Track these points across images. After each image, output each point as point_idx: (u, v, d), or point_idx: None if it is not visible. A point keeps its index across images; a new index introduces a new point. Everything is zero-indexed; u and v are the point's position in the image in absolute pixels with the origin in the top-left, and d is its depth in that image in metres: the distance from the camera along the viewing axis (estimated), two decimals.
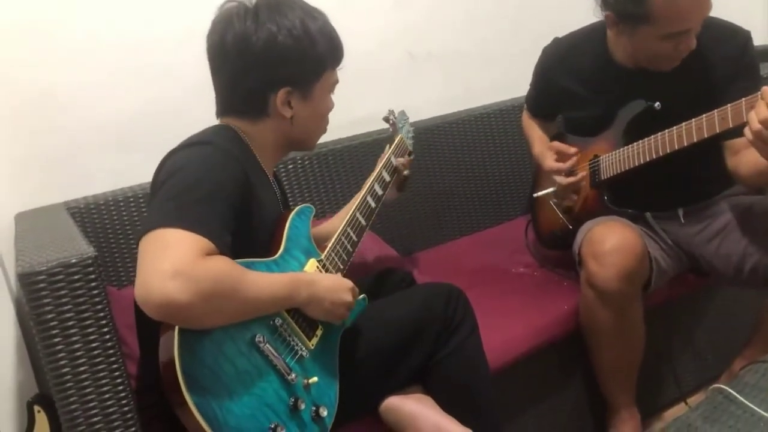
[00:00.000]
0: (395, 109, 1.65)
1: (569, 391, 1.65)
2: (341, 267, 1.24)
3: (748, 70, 1.44)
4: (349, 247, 1.28)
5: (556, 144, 1.63)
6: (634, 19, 1.35)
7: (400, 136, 1.59)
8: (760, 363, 1.12)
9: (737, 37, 1.45)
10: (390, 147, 1.55)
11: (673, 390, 1.76)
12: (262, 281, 1.02)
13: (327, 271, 1.20)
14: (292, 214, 1.21)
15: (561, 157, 1.62)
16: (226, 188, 1.04)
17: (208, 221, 0.98)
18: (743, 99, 1.23)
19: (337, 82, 1.25)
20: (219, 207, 1.01)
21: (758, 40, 1.54)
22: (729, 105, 1.26)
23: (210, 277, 0.93)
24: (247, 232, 1.08)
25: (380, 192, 1.43)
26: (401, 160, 1.52)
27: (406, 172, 1.52)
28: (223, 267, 0.96)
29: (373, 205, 1.39)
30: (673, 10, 1.30)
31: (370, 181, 1.43)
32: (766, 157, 1.21)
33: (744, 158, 1.40)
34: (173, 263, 0.91)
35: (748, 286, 1.52)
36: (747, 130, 1.19)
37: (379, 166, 1.48)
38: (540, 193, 1.70)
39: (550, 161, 1.62)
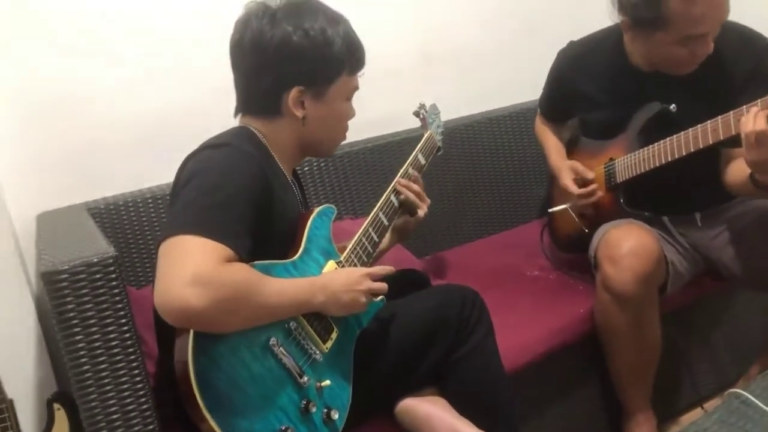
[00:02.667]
0: (426, 103, 1.64)
1: (585, 394, 1.64)
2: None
3: (763, 78, 1.44)
4: (369, 248, 1.28)
5: (576, 164, 1.63)
6: (650, 24, 1.35)
7: (429, 132, 1.57)
8: None
9: (755, 43, 1.45)
10: (418, 144, 1.51)
11: (690, 394, 1.75)
12: (279, 288, 1.04)
13: None
14: (314, 214, 1.22)
15: (578, 178, 1.61)
16: (246, 191, 1.05)
17: (228, 227, 0.99)
18: (759, 100, 1.23)
19: (356, 88, 1.25)
20: (239, 211, 1.02)
21: None
22: (745, 106, 1.25)
23: (228, 285, 0.95)
24: (267, 232, 1.09)
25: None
26: (403, 181, 1.38)
27: (402, 197, 1.38)
28: (242, 274, 0.98)
29: (396, 204, 1.38)
30: (689, 15, 1.30)
31: (396, 179, 1.41)
32: (753, 158, 1.22)
33: (732, 167, 1.42)
34: (192, 270, 0.93)
35: (765, 289, 1.51)
36: (746, 126, 1.20)
37: (406, 164, 1.46)
38: (555, 209, 1.70)
39: (567, 180, 1.62)
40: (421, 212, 1.39)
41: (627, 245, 1.41)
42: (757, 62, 1.44)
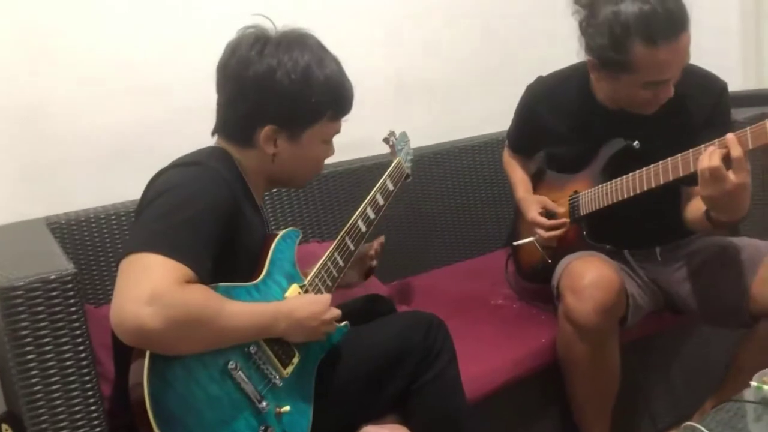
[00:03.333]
0: (396, 131, 1.65)
1: (546, 423, 1.65)
2: (324, 293, 1.23)
3: (722, 119, 1.50)
4: (334, 272, 1.27)
5: (544, 199, 1.65)
6: (616, 66, 1.39)
7: (397, 159, 1.58)
8: (732, 402, 1.13)
9: (715, 86, 1.51)
10: (387, 170, 1.52)
11: (647, 425, 1.77)
12: (240, 313, 1.02)
13: None
14: (278, 237, 1.21)
15: (547, 212, 1.63)
16: (213, 212, 1.03)
17: (190, 247, 0.98)
18: (717, 140, 1.28)
19: (337, 132, 1.23)
20: (203, 231, 1.01)
21: (734, 86, 1.60)
22: (703, 146, 1.30)
23: (186, 306, 0.93)
24: (230, 255, 1.07)
25: (372, 216, 1.41)
26: (367, 246, 1.45)
27: (373, 263, 1.47)
28: (201, 296, 0.96)
29: (363, 229, 1.38)
30: (653, 61, 1.34)
31: (363, 204, 1.41)
32: (708, 194, 1.27)
33: (691, 204, 1.48)
34: (150, 289, 0.91)
35: (723, 324, 1.55)
36: (702, 162, 1.25)
37: (374, 189, 1.46)
38: (520, 242, 1.72)
39: (534, 213, 1.63)
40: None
41: (589, 277, 1.44)
42: (716, 103, 1.50)
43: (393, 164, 1.56)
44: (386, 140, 1.62)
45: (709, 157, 1.25)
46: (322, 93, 1.15)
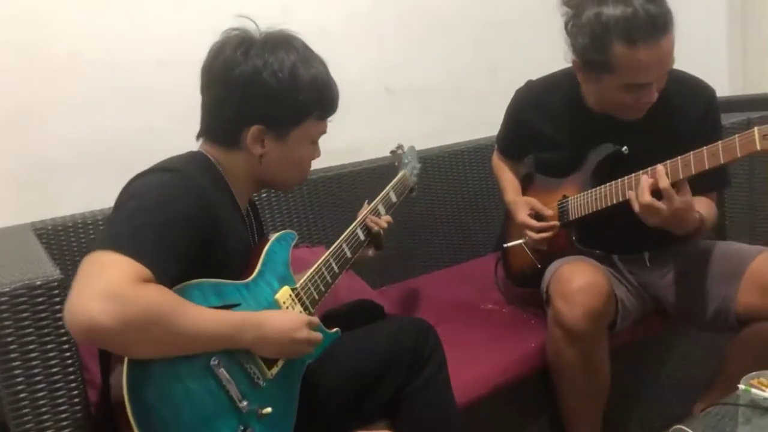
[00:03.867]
0: (405, 145, 1.64)
1: (535, 427, 1.65)
2: (316, 298, 1.22)
3: (712, 125, 1.52)
4: (328, 278, 1.26)
5: (533, 201, 1.66)
6: (598, 67, 1.40)
7: (402, 172, 1.59)
8: (721, 405, 1.14)
9: (703, 93, 1.53)
10: (391, 182, 1.54)
11: (637, 429, 1.77)
12: (201, 317, 0.98)
13: (300, 301, 1.18)
14: (273, 239, 1.20)
15: (533, 213, 1.64)
16: (182, 222, 1.01)
17: (152, 249, 0.96)
18: (704, 148, 1.30)
19: (323, 132, 1.22)
20: (169, 236, 0.98)
21: (721, 91, 1.61)
22: (691, 153, 1.31)
23: (139, 304, 0.90)
24: (209, 262, 1.06)
25: (372, 226, 1.42)
26: (376, 219, 1.44)
27: (375, 229, 1.43)
28: (156, 296, 0.93)
29: (362, 238, 1.38)
30: (632, 62, 1.35)
31: (363, 213, 1.41)
32: (651, 224, 1.36)
33: None
34: (103, 286, 0.89)
35: (711, 329, 1.56)
36: (634, 203, 1.35)
37: (376, 200, 1.46)
38: (510, 244, 1.72)
39: (523, 215, 1.63)
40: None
41: (578, 282, 1.44)
42: (706, 110, 1.52)
43: (398, 176, 1.57)
44: (393, 152, 1.63)
45: (640, 194, 1.34)
46: (308, 92, 1.14)
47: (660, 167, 1.33)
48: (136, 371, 0.92)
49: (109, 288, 0.89)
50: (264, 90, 1.11)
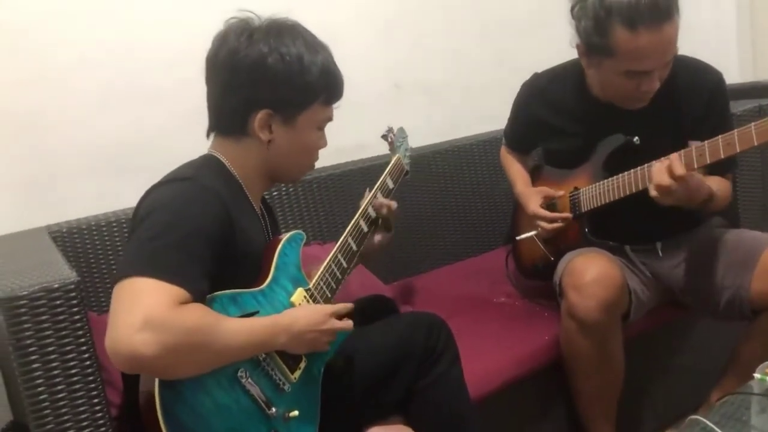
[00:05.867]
0: (394, 127, 1.64)
1: (550, 421, 1.65)
2: (329, 296, 1.23)
3: (720, 110, 1.51)
4: (338, 274, 1.27)
5: (544, 189, 1.66)
6: (599, 51, 1.40)
7: (397, 156, 1.57)
8: (737, 394, 1.14)
9: (709, 77, 1.52)
10: (386, 168, 1.52)
11: (652, 421, 1.77)
12: (238, 330, 1.00)
13: (314, 300, 1.19)
14: (283, 241, 1.20)
15: (546, 201, 1.64)
16: (204, 228, 1.02)
17: (182, 267, 0.96)
18: (720, 136, 1.29)
19: (329, 119, 1.23)
20: (195, 250, 0.99)
21: (731, 79, 1.60)
22: (706, 142, 1.30)
23: (181, 330, 0.92)
24: (231, 266, 1.07)
25: (374, 215, 1.41)
26: (382, 201, 1.42)
27: (384, 211, 1.41)
28: (196, 318, 0.94)
29: (365, 229, 1.38)
30: (633, 47, 1.34)
31: (364, 204, 1.41)
32: (662, 203, 1.36)
33: None
34: (142, 315, 0.90)
35: (724, 318, 1.55)
36: (651, 186, 1.34)
37: (374, 188, 1.46)
38: (522, 236, 1.71)
39: (535, 206, 1.63)
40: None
41: (591, 273, 1.44)
42: (712, 95, 1.51)
43: (392, 162, 1.55)
44: (385, 137, 1.61)
45: (658, 176, 1.33)
46: (315, 76, 1.15)
47: (675, 155, 1.32)
48: (167, 392, 0.93)
49: (149, 317, 0.90)
50: (270, 74, 1.12)
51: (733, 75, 1.96)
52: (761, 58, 3.01)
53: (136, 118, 1.71)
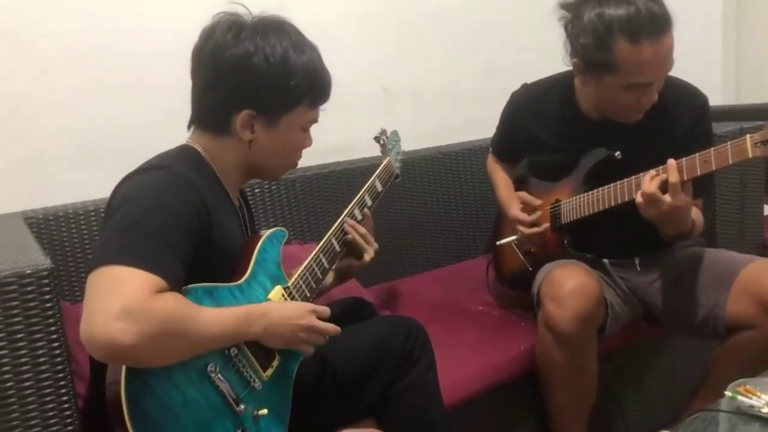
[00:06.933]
0: (387, 129, 1.64)
1: (523, 429, 1.65)
2: (308, 295, 1.22)
3: (703, 132, 1.53)
4: (319, 274, 1.26)
5: (523, 194, 1.67)
6: (600, 67, 1.41)
7: (388, 158, 1.56)
8: (707, 411, 1.15)
9: (696, 100, 1.55)
10: (376, 170, 1.51)
11: None
12: (213, 318, 0.99)
13: (293, 299, 1.18)
14: (264, 237, 1.19)
15: (526, 207, 1.65)
16: (180, 217, 1.01)
17: (160, 256, 0.95)
18: (697, 154, 1.31)
19: (315, 120, 1.21)
20: (171, 239, 0.98)
21: (715, 101, 1.62)
22: (684, 159, 1.32)
23: (159, 318, 0.91)
24: (206, 256, 1.05)
25: (360, 217, 1.39)
26: (351, 222, 1.34)
27: (348, 236, 1.33)
28: (173, 306, 0.94)
29: None
30: (636, 60, 1.36)
31: (351, 205, 1.40)
32: (647, 215, 1.37)
33: None
34: (120, 304, 0.89)
35: (698, 336, 1.57)
36: (638, 193, 1.35)
37: (362, 190, 1.44)
38: (503, 242, 1.72)
39: (515, 210, 1.65)
40: (368, 257, 1.34)
41: (569, 285, 1.45)
42: (698, 117, 1.53)
43: (383, 164, 1.54)
44: (377, 139, 1.61)
45: (648, 183, 1.34)
46: (299, 78, 1.12)
47: (673, 161, 1.33)
48: (135, 383, 0.92)
49: (127, 306, 0.89)
50: (254, 74, 1.10)
51: (716, 98, 1.99)
52: (744, 82, 3.07)
53: (120, 108, 1.70)
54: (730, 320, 1.46)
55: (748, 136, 1.24)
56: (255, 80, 1.11)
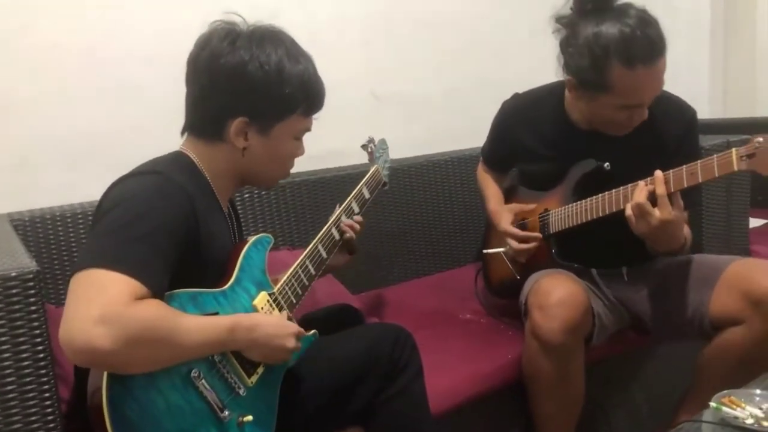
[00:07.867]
0: (375, 138, 1.64)
1: None
2: (294, 302, 1.22)
3: (691, 145, 1.55)
4: (305, 280, 1.26)
5: (515, 206, 1.67)
6: (594, 87, 1.42)
7: (375, 166, 1.57)
8: (691, 422, 1.15)
9: (685, 114, 1.56)
10: (364, 178, 1.51)
11: None
12: (196, 327, 0.98)
13: (278, 305, 1.17)
14: (249, 244, 1.19)
15: (518, 216, 1.65)
16: (169, 224, 1.00)
17: (145, 262, 0.95)
18: (684, 167, 1.32)
19: (308, 129, 1.22)
20: (158, 245, 0.98)
21: (702, 114, 1.64)
22: (671, 171, 1.34)
23: (139, 325, 0.90)
24: (194, 264, 1.05)
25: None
26: (348, 221, 1.41)
27: (347, 235, 1.40)
28: (154, 313, 0.93)
29: (337, 237, 1.37)
30: (630, 83, 1.37)
31: (337, 211, 1.39)
32: (638, 230, 1.38)
33: None
34: (100, 308, 0.88)
35: (685, 336, 1.57)
36: (628, 205, 1.37)
37: (350, 197, 1.45)
38: (491, 251, 1.73)
39: (506, 224, 1.64)
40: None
41: (556, 295, 1.45)
42: (686, 130, 1.55)
43: (370, 172, 1.55)
44: (365, 146, 1.61)
45: (638, 193, 1.35)
46: (294, 87, 1.13)
47: (659, 173, 1.34)
48: (116, 387, 0.91)
49: (107, 310, 0.88)
50: (249, 82, 1.11)
51: (703, 110, 2.02)
52: (731, 96, 3.11)
53: (110, 111, 1.69)
54: (716, 317, 1.46)
55: (733, 149, 1.26)
56: (249, 88, 1.11)
